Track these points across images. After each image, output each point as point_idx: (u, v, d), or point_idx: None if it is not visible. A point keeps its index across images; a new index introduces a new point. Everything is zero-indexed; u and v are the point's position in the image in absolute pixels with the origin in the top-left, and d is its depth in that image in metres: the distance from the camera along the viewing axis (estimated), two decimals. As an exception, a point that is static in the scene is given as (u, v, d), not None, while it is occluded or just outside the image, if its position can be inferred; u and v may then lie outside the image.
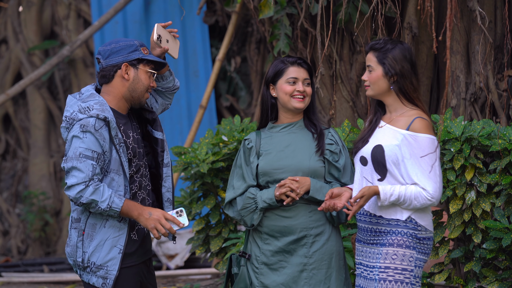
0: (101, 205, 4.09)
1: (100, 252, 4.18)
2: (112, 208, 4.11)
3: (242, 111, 9.62)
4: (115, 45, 4.22)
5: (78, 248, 4.20)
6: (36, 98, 10.61)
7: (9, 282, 8.92)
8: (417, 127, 4.19)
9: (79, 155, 4.10)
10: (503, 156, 5.15)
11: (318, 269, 4.42)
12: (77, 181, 4.08)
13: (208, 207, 5.99)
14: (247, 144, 4.56)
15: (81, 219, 4.20)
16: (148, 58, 4.23)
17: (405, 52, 4.30)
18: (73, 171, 4.10)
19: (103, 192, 4.10)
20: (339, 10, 6.58)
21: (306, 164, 4.43)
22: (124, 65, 4.20)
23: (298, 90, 4.47)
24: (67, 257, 4.33)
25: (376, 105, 4.42)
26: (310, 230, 4.43)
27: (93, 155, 4.10)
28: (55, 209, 10.54)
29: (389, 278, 4.19)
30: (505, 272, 5.26)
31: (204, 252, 6.19)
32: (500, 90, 6.56)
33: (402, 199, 4.17)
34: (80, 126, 4.11)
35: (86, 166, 4.08)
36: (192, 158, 5.92)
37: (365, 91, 4.40)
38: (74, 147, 4.11)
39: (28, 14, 10.61)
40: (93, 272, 4.20)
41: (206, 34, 9.49)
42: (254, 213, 4.45)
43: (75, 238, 4.21)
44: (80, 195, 4.08)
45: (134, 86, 4.24)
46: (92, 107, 4.14)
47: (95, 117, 4.11)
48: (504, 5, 6.54)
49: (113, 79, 4.23)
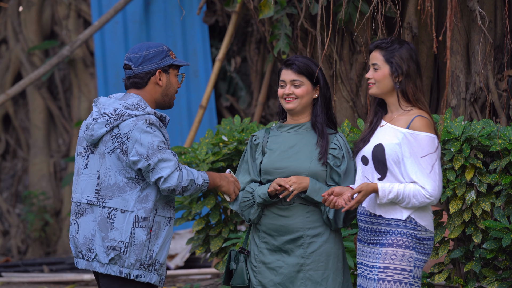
0: (198, 181, 4.22)
1: (164, 250, 4.26)
2: (205, 181, 4.26)
3: (242, 111, 9.61)
4: (146, 52, 4.30)
5: (146, 247, 4.21)
6: (36, 98, 10.61)
7: (9, 282, 8.92)
8: (417, 125, 4.19)
9: (158, 148, 4.15)
10: (503, 156, 5.15)
11: (314, 270, 4.42)
12: (171, 170, 4.14)
13: (208, 207, 5.98)
14: (254, 140, 4.59)
15: (149, 217, 4.21)
16: (177, 63, 4.35)
17: (412, 52, 4.30)
18: (161, 164, 4.15)
19: (192, 171, 4.22)
20: (339, 10, 6.58)
21: (306, 166, 4.43)
22: (158, 72, 4.30)
23: (285, 93, 4.48)
24: (101, 259, 4.26)
25: (377, 105, 4.41)
26: (307, 231, 4.43)
27: (166, 146, 4.20)
28: (55, 209, 10.55)
29: (388, 278, 4.19)
30: (505, 272, 5.26)
31: (204, 252, 6.18)
32: (500, 90, 6.55)
33: (401, 196, 4.17)
34: (145, 121, 4.16)
35: (170, 154, 4.17)
36: (192, 158, 5.92)
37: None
38: (148, 142, 4.15)
39: (28, 14, 10.61)
40: (155, 271, 4.24)
41: (206, 34, 9.49)
42: (251, 207, 4.46)
43: (143, 237, 4.20)
44: (179, 180, 4.15)
45: (167, 91, 4.35)
46: (139, 104, 4.23)
47: (153, 114, 4.22)
48: (504, 5, 6.54)
49: (147, 85, 4.32)
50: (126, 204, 4.20)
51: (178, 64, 4.36)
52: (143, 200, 4.20)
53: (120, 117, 4.18)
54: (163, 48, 4.32)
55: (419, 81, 4.29)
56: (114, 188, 4.22)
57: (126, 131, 4.17)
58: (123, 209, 4.20)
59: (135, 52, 4.30)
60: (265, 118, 9.42)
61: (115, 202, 4.21)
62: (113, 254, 4.20)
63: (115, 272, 4.21)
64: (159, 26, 9.68)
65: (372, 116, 4.41)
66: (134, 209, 4.20)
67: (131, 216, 4.19)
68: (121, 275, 4.20)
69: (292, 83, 4.47)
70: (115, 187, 4.22)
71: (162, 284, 4.28)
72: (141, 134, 4.15)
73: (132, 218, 4.19)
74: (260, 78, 9.47)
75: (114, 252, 4.20)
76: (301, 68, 4.47)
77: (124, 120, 4.18)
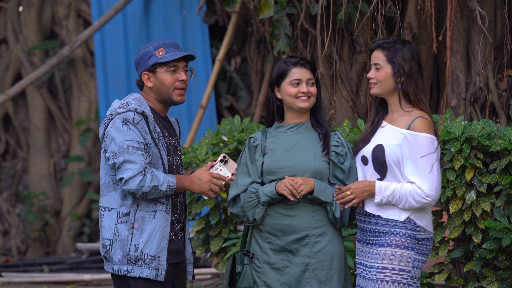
0: (162, 188, 4.21)
1: (153, 244, 4.25)
2: (170, 187, 4.23)
3: (242, 111, 9.61)
4: (137, 56, 4.42)
5: (128, 242, 4.24)
6: (36, 98, 10.60)
7: (9, 282, 8.92)
8: (418, 126, 4.19)
9: (127, 148, 4.19)
10: (503, 156, 5.14)
11: (320, 270, 4.43)
12: (134, 173, 4.16)
13: (208, 207, 5.98)
14: (253, 142, 4.58)
15: (130, 213, 4.25)
16: (162, 60, 4.35)
17: (414, 52, 4.30)
18: (126, 165, 4.18)
19: (159, 176, 4.21)
20: (339, 10, 6.58)
21: (311, 164, 4.44)
22: (144, 75, 4.38)
23: (302, 91, 4.48)
24: (102, 255, 4.36)
25: (378, 105, 4.41)
26: (312, 230, 4.44)
27: (140, 146, 4.21)
28: (55, 209, 10.54)
29: (386, 278, 4.19)
30: (505, 272, 5.26)
31: (204, 252, 6.18)
32: (500, 90, 6.55)
33: (397, 195, 4.17)
34: (121, 120, 4.22)
35: (138, 157, 4.18)
36: (192, 158, 5.92)
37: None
38: (119, 141, 4.20)
39: (28, 14, 10.60)
40: (146, 264, 4.25)
41: (206, 34, 9.49)
42: (256, 207, 4.47)
43: (125, 232, 4.24)
44: (140, 185, 4.17)
45: (158, 90, 4.39)
46: (130, 102, 4.29)
47: (134, 111, 4.24)
48: (504, 5, 6.53)
49: (144, 87, 4.43)
50: (112, 202, 4.30)
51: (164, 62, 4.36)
52: (124, 196, 4.28)
53: (110, 117, 4.29)
54: (148, 49, 4.38)
55: (420, 82, 4.29)
56: (103, 188, 4.35)
57: (108, 129, 4.28)
58: (109, 207, 4.31)
59: (135, 57, 4.44)
60: (265, 118, 9.41)
61: (103, 201, 4.34)
62: (103, 252, 4.32)
63: (111, 269, 4.31)
64: (159, 26, 9.68)
65: (373, 116, 4.41)
66: (116, 206, 4.29)
67: (114, 213, 4.28)
68: (114, 272, 4.30)
69: (308, 81, 4.50)
70: (104, 187, 4.35)
71: (161, 277, 4.27)
72: (116, 132, 4.23)
73: (115, 215, 4.27)
74: (260, 78, 9.46)
75: (103, 250, 4.32)
76: (313, 67, 4.55)
77: (112, 119, 4.28)
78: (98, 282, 8.77)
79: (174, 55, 4.36)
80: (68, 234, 10.30)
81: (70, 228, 10.27)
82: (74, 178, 10.35)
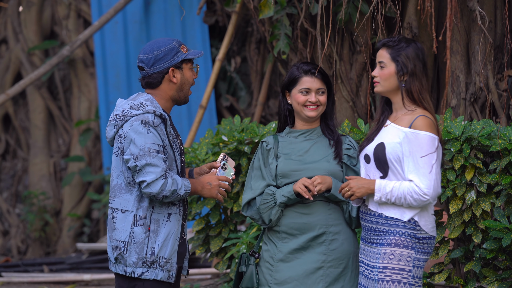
0: (180, 192, 4.23)
1: (167, 247, 4.27)
2: (187, 192, 4.26)
3: (242, 111, 9.61)
4: (157, 52, 4.31)
5: (145, 245, 4.24)
6: (36, 98, 10.61)
7: (9, 282, 8.92)
8: (419, 124, 4.19)
9: (149, 151, 4.18)
10: (503, 156, 5.14)
11: (335, 267, 4.45)
12: (156, 176, 4.16)
13: (208, 207, 5.99)
14: (266, 146, 4.60)
15: (147, 216, 4.25)
16: (190, 56, 4.35)
17: (418, 51, 4.30)
18: (148, 168, 4.17)
19: (177, 180, 4.22)
20: (339, 10, 6.58)
21: (325, 166, 4.48)
22: (171, 70, 4.32)
23: (310, 101, 4.51)
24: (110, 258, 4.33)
25: (384, 104, 4.42)
26: (330, 228, 4.46)
27: (160, 149, 4.20)
28: (55, 209, 10.54)
29: (386, 278, 4.19)
30: (505, 272, 5.26)
31: (204, 252, 6.18)
32: (500, 90, 6.55)
33: (396, 194, 4.17)
34: (141, 122, 4.19)
35: (159, 160, 4.18)
36: (192, 158, 5.92)
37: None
38: (140, 143, 4.18)
39: (28, 14, 10.61)
40: (161, 267, 4.26)
41: (206, 34, 9.49)
42: (272, 209, 4.48)
43: (142, 235, 4.24)
44: (161, 189, 4.17)
45: (182, 86, 4.37)
46: (145, 104, 4.25)
47: (152, 113, 4.22)
48: (504, 5, 6.53)
49: (161, 84, 4.35)
50: (126, 204, 4.27)
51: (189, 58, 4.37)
52: (141, 199, 4.26)
53: (124, 118, 4.25)
54: (173, 45, 4.33)
55: (425, 81, 4.29)
56: (116, 189, 4.30)
57: (125, 131, 4.23)
58: (123, 209, 4.27)
59: (146, 53, 4.33)
60: (265, 118, 9.42)
61: (116, 202, 4.30)
62: (116, 253, 4.28)
63: (121, 271, 4.28)
64: (159, 26, 9.69)
65: (379, 115, 4.43)
66: (133, 209, 4.26)
67: (130, 216, 4.25)
68: (126, 274, 4.27)
69: (318, 91, 4.52)
70: (116, 188, 4.30)
71: (172, 279, 4.30)
72: (136, 134, 4.19)
73: (131, 218, 4.25)
74: (260, 78, 9.46)
75: (116, 251, 4.28)
76: (325, 76, 4.55)
77: (127, 120, 4.24)
78: (98, 282, 8.77)
79: (197, 52, 4.38)
80: (68, 234, 10.30)
81: (70, 228, 10.28)
82: (74, 178, 10.35)
